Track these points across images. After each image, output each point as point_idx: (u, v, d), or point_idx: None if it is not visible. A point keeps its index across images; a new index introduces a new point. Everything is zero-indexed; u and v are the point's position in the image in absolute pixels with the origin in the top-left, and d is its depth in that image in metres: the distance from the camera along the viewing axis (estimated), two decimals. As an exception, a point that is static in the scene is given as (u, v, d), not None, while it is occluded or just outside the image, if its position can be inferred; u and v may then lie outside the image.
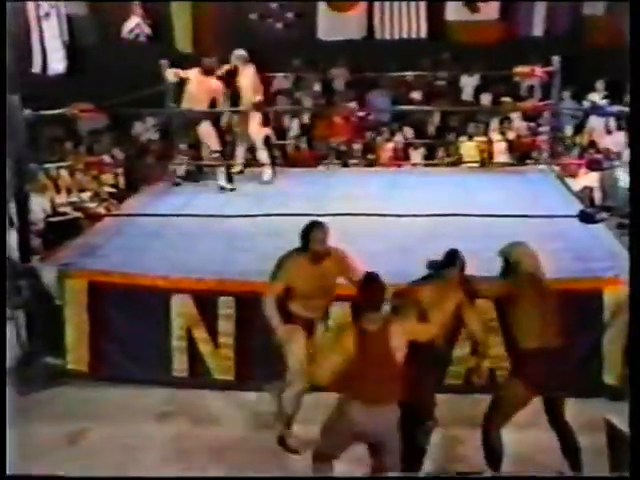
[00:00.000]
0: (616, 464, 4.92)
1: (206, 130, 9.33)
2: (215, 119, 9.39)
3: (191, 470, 5.35)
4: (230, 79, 9.60)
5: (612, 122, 11.43)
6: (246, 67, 9.77)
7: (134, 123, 12.64)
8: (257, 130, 10.01)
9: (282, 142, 12.25)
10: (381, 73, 12.36)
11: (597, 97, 12.05)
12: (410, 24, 12.79)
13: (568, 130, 11.87)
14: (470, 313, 4.93)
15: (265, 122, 10.49)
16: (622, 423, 4.86)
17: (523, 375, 4.83)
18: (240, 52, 9.79)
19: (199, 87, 9.26)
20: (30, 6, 13.13)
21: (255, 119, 9.94)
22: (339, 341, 4.45)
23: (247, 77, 9.71)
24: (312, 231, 5.36)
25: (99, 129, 12.62)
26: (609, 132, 11.44)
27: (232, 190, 9.41)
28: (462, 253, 4.99)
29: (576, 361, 6.10)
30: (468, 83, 12.98)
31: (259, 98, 9.87)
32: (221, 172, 9.52)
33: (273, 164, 10.35)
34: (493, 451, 4.94)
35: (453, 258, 4.95)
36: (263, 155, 10.15)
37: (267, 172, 9.92)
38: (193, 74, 9.38)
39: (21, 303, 6.74)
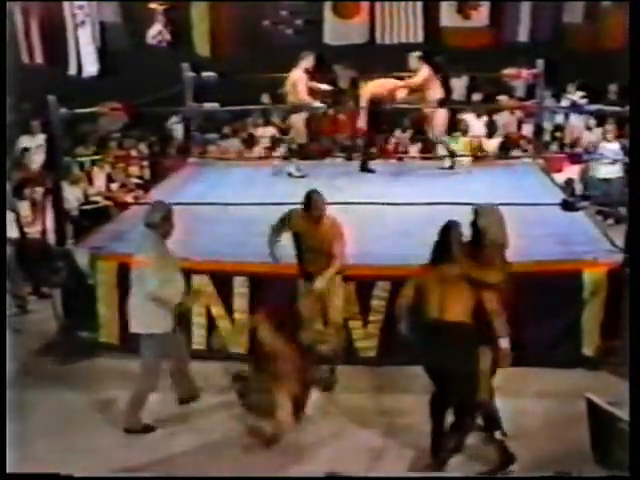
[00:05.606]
0: (595, 435, 4.90)
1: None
2: None
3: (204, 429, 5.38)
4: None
5: (591, 120, 11.34)
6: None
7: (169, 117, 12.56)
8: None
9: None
10: (381, 74, 12.29)
11: (576, 96, 11.97)
12: (408, 30, 12.76)
13: (548, 126, 11.77)
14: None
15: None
16: (600, 396, 4.88)
17: (491, 342, 4.74)
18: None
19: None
20: (67, 15, 13.15)
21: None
22: None
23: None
24: (312, 197, 5.80)
25: (116, 129, 12.38)
26: (589, 129, 11.34)
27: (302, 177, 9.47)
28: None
29: (557, 334, 6.12)
30: (458, 84, 12.92)
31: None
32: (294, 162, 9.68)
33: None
34: (495, 417, 4.88)
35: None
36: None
37: None
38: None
39: (57, 283, 6.75)
